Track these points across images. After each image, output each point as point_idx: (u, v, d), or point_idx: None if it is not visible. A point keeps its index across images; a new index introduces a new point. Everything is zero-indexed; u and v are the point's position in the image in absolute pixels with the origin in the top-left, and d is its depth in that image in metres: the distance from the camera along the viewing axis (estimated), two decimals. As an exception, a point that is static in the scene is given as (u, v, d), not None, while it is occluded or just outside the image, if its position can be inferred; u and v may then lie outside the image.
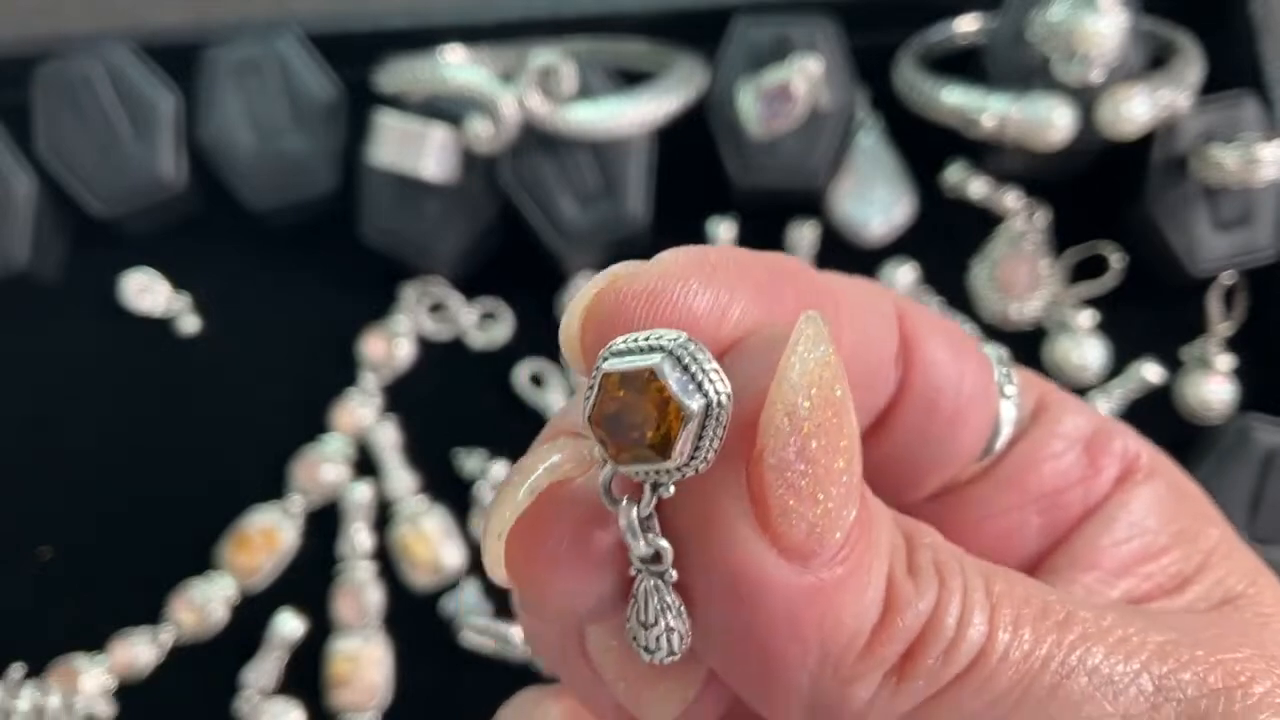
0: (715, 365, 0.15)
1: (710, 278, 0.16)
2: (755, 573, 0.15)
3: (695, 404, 0.14)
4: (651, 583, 0.16)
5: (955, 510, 0.21)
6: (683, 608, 0.16)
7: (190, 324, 0.48)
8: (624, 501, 0.16)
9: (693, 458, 0.15)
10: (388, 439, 0.47)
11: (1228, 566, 0.20)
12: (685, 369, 0.14)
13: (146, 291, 0.48)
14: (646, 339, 0.15)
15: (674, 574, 0.16)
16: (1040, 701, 0.16)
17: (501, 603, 0.45)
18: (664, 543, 0.16)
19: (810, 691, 0.16)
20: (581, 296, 0.16)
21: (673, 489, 0.15)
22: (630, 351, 0.15)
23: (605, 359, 0.15)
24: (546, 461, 0.17)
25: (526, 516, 0.16)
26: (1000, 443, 0.21)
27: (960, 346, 0.20)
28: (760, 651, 0.15)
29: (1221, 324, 0.46)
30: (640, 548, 0.16)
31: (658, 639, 0.16)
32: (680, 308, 0.16)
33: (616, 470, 0.15)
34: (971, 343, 0.21)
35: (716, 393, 0.15)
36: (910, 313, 0.20)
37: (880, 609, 0.16)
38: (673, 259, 0.16)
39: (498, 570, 0.17)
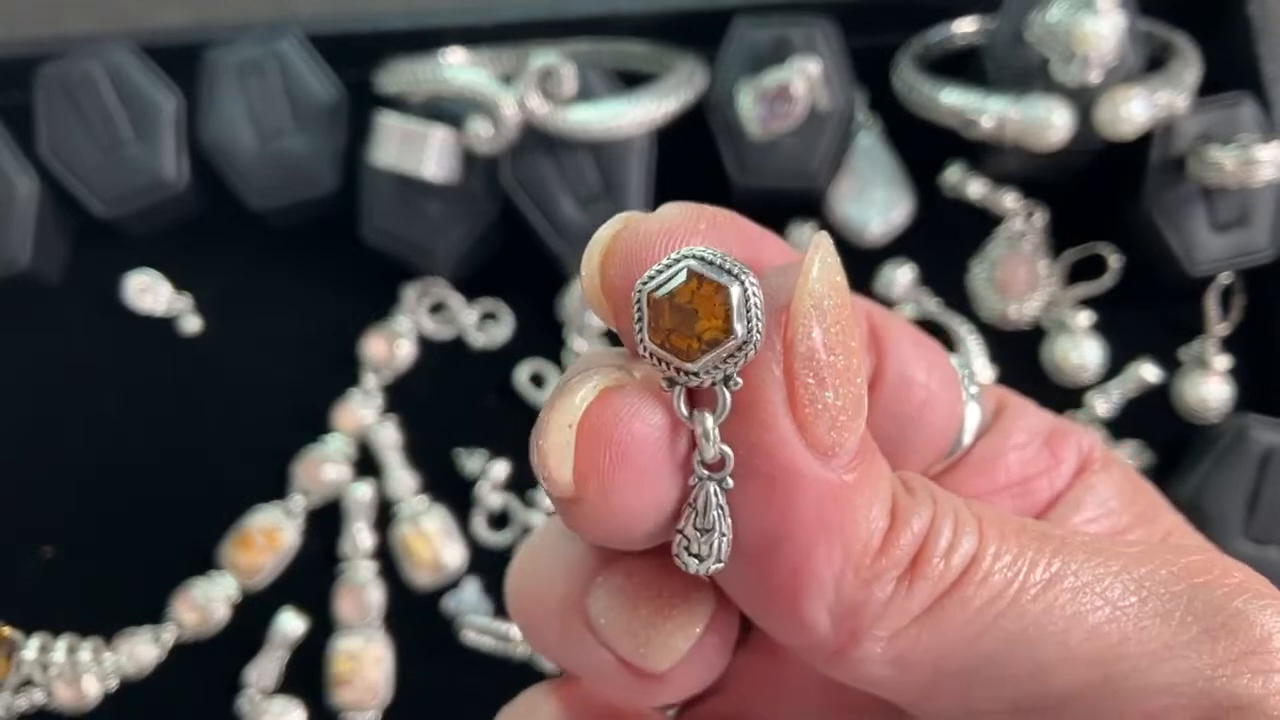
0: (737, 261, 0.17)
1: (712, 226, 0.18)
2: (789, 459, 0.17)
3: (735, 287, 0.17)
4: (712, 487, 0.17)
5: None
6: (730, 515, 0.18)
7: (192, 324, 0.48)
8: (697, 411, 0.17)
9: (749, 331, 0.17)
10: (389, 439, 0.47)
11: (1186, 543, 0.22)
12: (712, 264, 0.17)
13: (148, 292, 0.48)
14: (670, 262, 0.17)
15: (731, 481, 0.17)
16: (1035, 597, 0.17)
17: (501, 602, 0.46)
18: (727, 447, 0.17)
19: (834, 591, 0.17)
20: (597, 242, 0.18)
21: (740, 380, 0.17)
22: (661, 273, 0.17)
23: (641, 289, 0.17)
24: (595, 374, 0.18)
25: (592, 415, 0.18)
26: (967, 438, 0.23)
27: (925, 345, 0.22)
28: (791, 547, 0.17)
29: (1219, 324, 0.47)
30: (711, 451, 0.17)
31: (711, 545, 0.18)
32: (690, 244, 0.18)
33: (687, 379, 0.17)
34: (935, 344, 0.23)
35: (746, 277, 0.17)
36: (877, 311, 0.22)
37: (888, 518, 0.18)
38: (678, 209, 0.18)
39: (564, 468, 0.18)
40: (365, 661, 0.44)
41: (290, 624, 0.45)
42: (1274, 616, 0.18)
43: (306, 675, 0.45)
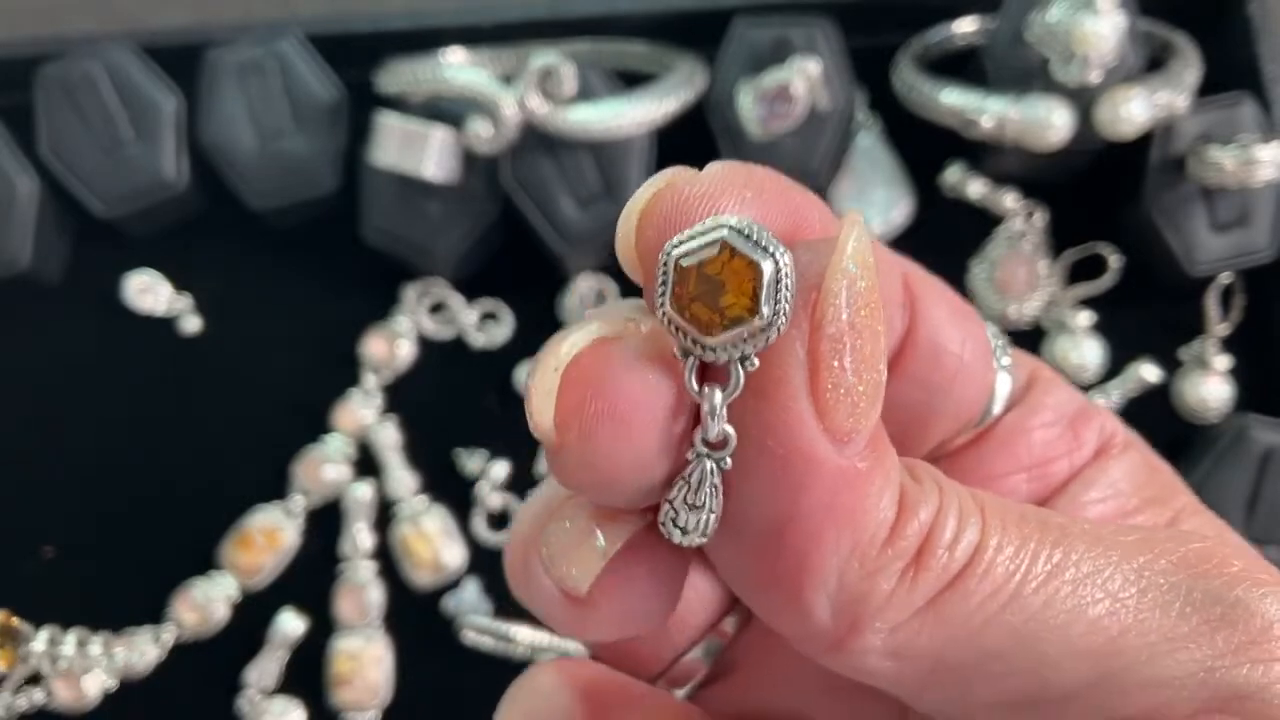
0: (770, 234, 0.16)
1: (758, 192, 0.17)
2: (807, 443, 0.16)
3: (768, 266, 0.16)
4: (709, 464, 0.17)
5: (949, 473, 0.22)
6: (720, 501, 0.17)
7: (192, 324, 0.48)
8: (707, 386, 0.17)
9: (775, 314, 0.16)
10: (389, 439, 0.47)
11: (1194, 524, 0.22)
12: (749, 239, 0.16)
13: (148, 292, 0.48)
14: (704, 229, 0.16)
15: (729, 461, 0.17)
16: (1036, 589, 0.17)
17: (501, 602, 0.46)
18: (730, 429, 0.17)
19: (838, 580, 0.17)
20: (638, 199, 0.18)
21: (757, 361, 0.17)
22: (693, 239, 0.16)
23: (670, 252, 0.16)
24: (596, 321, 0.18)
25: (582, 360, 0.17)
26: (996, 409, 0.22)
27: (962, 311, 0.22)
28: (798, 532, 0.17)
29: (1219, 324, 0.47)
30: (715, 429, 0.17)
31: (699, 521, 0.17)
32: (733, 211, 0.17)
33: (703, 351, 0.17)
34: (972, 311, 0.22)
35: (781, 256, 0.16)
36: (915, 272, 0.21)
37: (896, 508, 0.17)
38: (724, 171, 0.18)
39: (545, 412, 0.17)
40: (365, 661, 0.44)
41: (290, 624, 0.45)
42: (1274, 604, 0.18)
43: (306, 675, 0.45)
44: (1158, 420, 0.47)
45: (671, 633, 0.24)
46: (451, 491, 0.47)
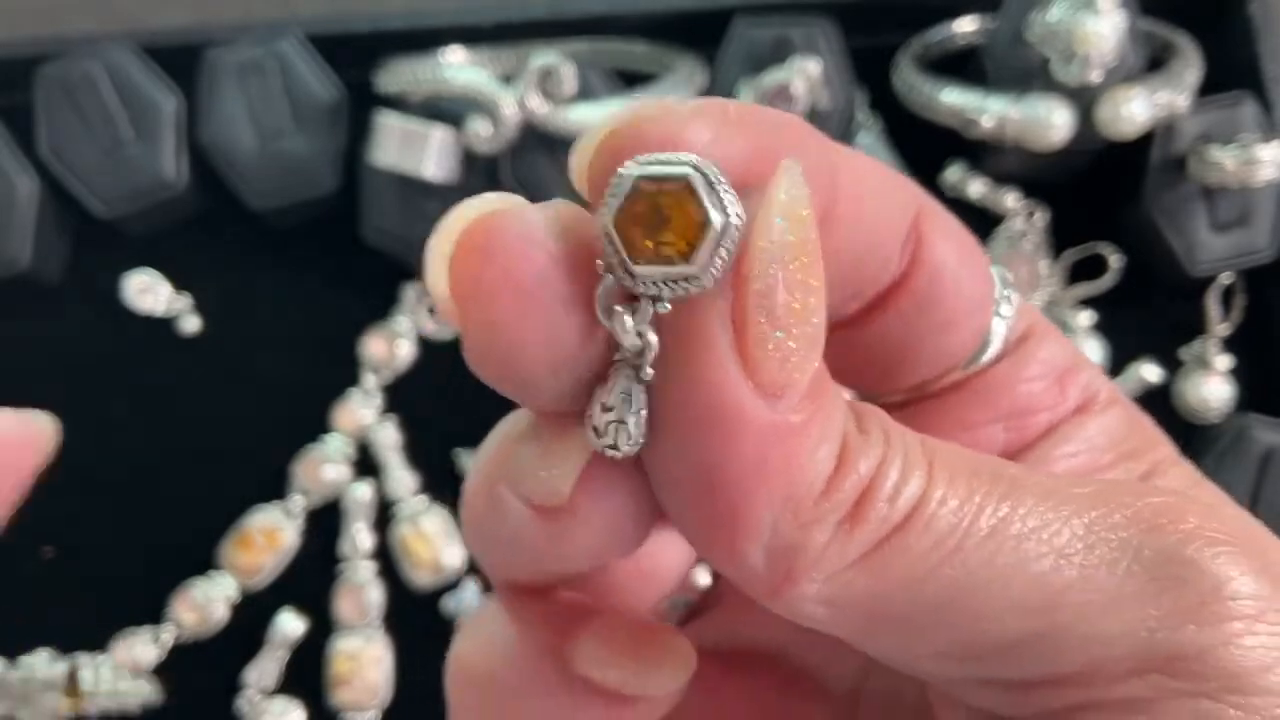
0: (732, 189, 0.16)
1: (731, 134, 0.17)
2: (733, 401, 0.16)
3: (718, 220, 0.15)
4: (627, 370, 0.16)
5: (926, 417, 0.22)
6: (644, 413, 0.17)
7: (191, 324, 0.48)
8: (618, 308, 0.16)
9: (707, 269, 0.16)
10: (388, 439, 0.47)
11: (1171, 477, 0.21)
12: (710, 187, 0.16)
13: (148, 292, 0.48)
14: (672, 160, 0.16)
15: (650, 371, 0.16)
16: (979, 544, 0.17)
17: (502, 602, 0.46)
18: (654, 336, 0.16)
19: (771, 532, 0.16)
20: (599, 128, 0.17)
21: (669, 306, 0.16)
22: (658, 165, 0.16)
23: (632, 170, 0.16)
24: (491, 196, 0.17)
25: (481, 224, 0.16)
26: (987, 357, 0.22)
27: (970, 256, 0.21)
28: (728, 487, 0.16)
29: (1220, 324, 0.47)
30: (631, 339, 0.16)
31: (619, 433, 0.17)
32: (706, 148, 0.16)
33: (626, 275, 0.16)
34: (981, 255, 0.21)
35: (735, 213, 0.16)
36: (928, 211, 0.20)
37: (835, 459, 0.17)
38: (695, 110, 0.17)
39: (439, 280, 0.17)
40: (365, 661, 0.44)
41: (290, 624, 0.45)
42: (1226, 564, 0.17)
43: (306, 675, 0.45)
44: (1158, 420, 0.46)
45: (641, 585, 0.24)
46: (451, 491, 0.47)
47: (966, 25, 0.48)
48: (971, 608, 0.17)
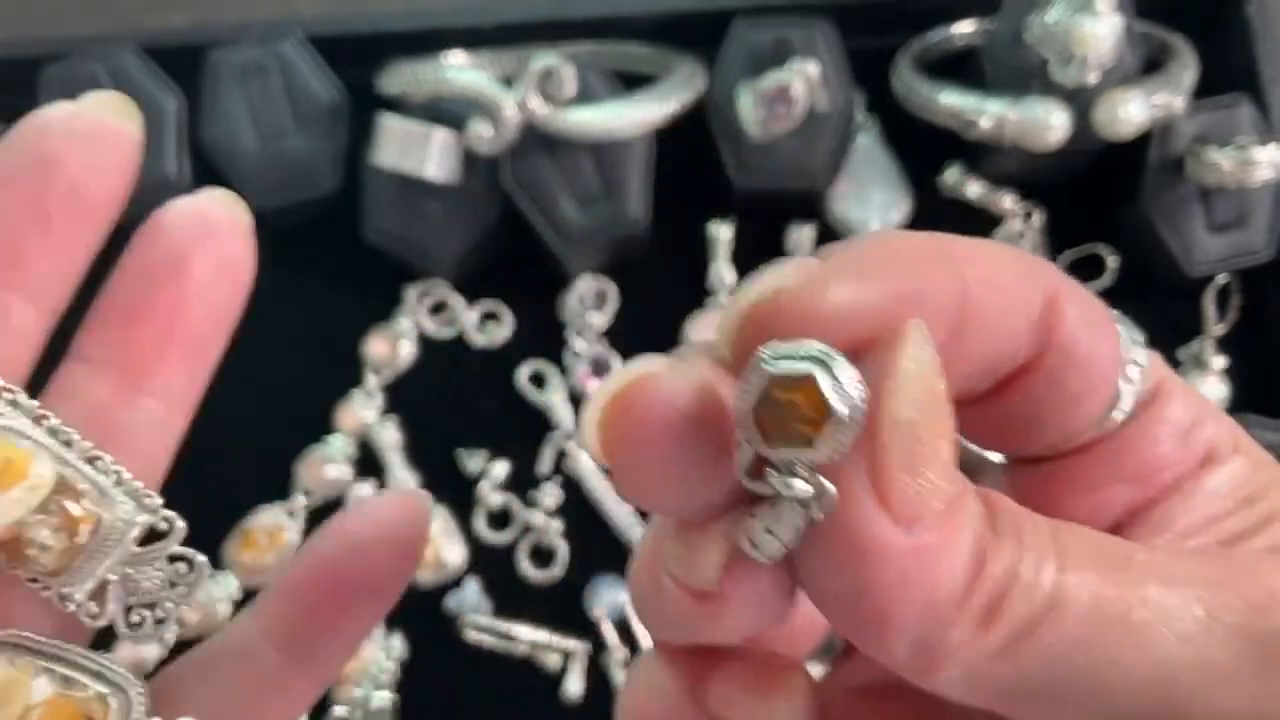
0: (856, 374, 0.17)
1: (863, 290, 0.19)
2: (876, 536, 0.18)
3: (843, 409, 0.17)
4: (794, 505, 0.18)
5: (1050, 478, 0.23)
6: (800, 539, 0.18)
7: (193, 324, 0.49)
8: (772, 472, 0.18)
9: (833, 454, 0.17)
10: (390, 439, 0.47)
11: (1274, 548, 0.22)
12: (834, 378, 0.17)
13: (150, 292, 0.48)
14: (792, 354, 0.17)
15: (821, 516, 0.18)
16: (1109, 635, 0.18)
17: (501, 601, 0.46)
18: (832, 487, 0.18)
19: (914, 632, 0.18)
20: (745, 294, 0.19)
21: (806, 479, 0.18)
22: (788, 357, 0.17)
23: (766, 360, 0.17)
24: (647, 361, 0.19)
25: (625, 391, 0.18)
26: (1114, 422, 0.22)
27: (1101, 331, 0.22)
28: (876, 599, 0.18)
29: (1216, 325, 0.47)
30: (802, 487, 0.18)
31: (765, 540, 0.19)
32: (836, 332, 0.18)
33: (766, 453, 0.18)
34: (1112, 328, 0.22)
35: (859, 397, 0.17)
36: (1063, 292, 0.21)
37: (971, 566, 0.18)
38: (830, 274, 0.19)
39: (591, 439, 0.19)
40: (364, 660, 0.44)
41: (292, 623, 0.45)
42: None
43: (308, 674, 0.45)
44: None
45: (791, 637, 0.25)
46: (452, 491, 0.47)
47: (965, 27, 0.48)
48: (1098, 687, 0.18)
